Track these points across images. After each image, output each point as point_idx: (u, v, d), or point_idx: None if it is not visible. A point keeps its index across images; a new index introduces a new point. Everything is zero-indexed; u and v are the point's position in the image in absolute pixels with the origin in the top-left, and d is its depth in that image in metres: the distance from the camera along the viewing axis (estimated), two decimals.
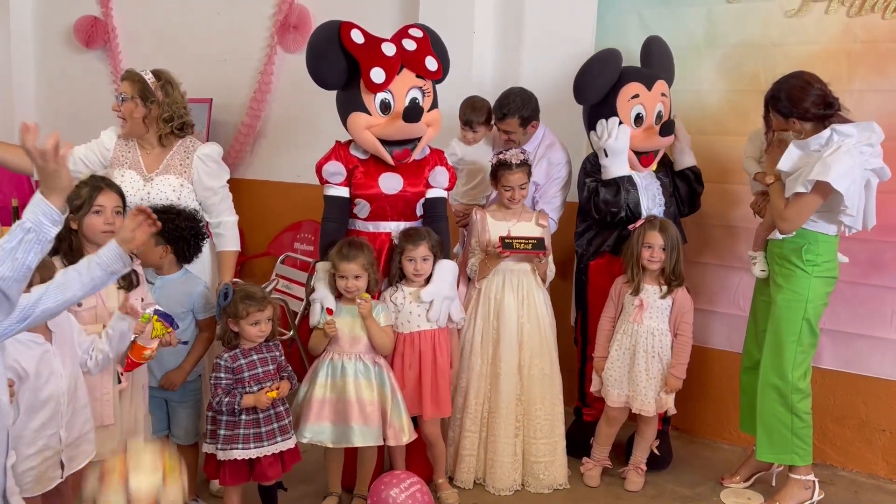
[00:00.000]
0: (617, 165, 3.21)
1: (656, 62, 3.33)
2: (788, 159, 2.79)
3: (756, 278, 3.14)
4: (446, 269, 2.95)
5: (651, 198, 3.26)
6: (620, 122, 3.19)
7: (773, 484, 3.17)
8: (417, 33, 3.00)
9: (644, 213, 3.19)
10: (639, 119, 3.21)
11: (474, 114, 3.44)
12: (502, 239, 2.96)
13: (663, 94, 3.26)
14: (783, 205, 2.83)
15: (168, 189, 2.89)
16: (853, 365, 3.36)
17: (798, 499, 3.00)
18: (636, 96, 3.19)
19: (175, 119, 2.92)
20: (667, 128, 3.17)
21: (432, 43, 3.02)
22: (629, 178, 3.22)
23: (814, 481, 3.03)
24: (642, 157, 3.24)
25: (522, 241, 2.96)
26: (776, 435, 2.96)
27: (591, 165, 3.32)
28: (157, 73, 2.94)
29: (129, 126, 2.94)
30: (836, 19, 3.24)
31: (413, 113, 2.83)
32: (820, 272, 2.88)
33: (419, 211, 3.04)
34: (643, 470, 3.20)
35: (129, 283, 2.49)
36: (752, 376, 3.12)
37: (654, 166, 3.31)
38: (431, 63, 2.95)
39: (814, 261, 2.87)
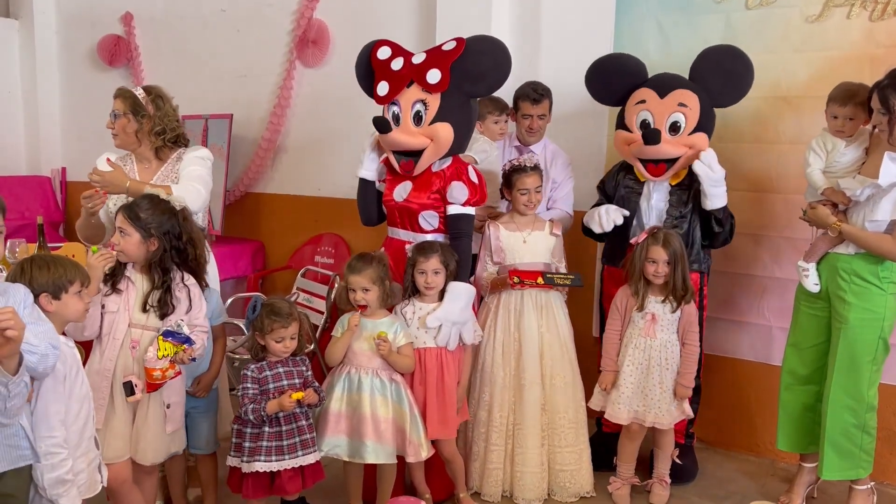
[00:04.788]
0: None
1: (701, 73, 3.09)
2: (889, 174, 2.63)
3: (799, 290, 3.01)
4: (457, 293, 2.85)
5: (657, 213, 3.14)
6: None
7: (815, 495, 3.15)
8: (449, 45, 2.94)
9: (644, 226, 3.10)
10: (645, 125, 3.09)
11: (499, 105, 3.48)
12: (543, 274, 2.98)
13: (682, 105, 3.04)
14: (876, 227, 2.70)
15: None
16: (882, 375, 3.29)
17: None
18: (642, 101, 3.12)
19: (167, 132, 2.97)
20: (649, 136, 2.97)
21: (465, 55, 2.90)
22: (636, 189, 3.21)
23: (872, 486, 3.01)
24: (648, 165, 3.08)
25: (561, 276, 3.03)
26: (845, 453, 2.90)
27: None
28: (148, 89, 3.00)
29: (120, 140, 3.00)
30: (857, 24, 3.20)
31: (380, 123, 2.90)
32: (893, 289, 2.81)
33: (425, 224, 2.98)
34: (667, 482, 3.15)
35: (163, 306, 2.50)
36: (795, 394, 3.04)
37: (668, 177, 3.10)
38: (433, 76, 2.88)
39: (889, 278, 2.79)
